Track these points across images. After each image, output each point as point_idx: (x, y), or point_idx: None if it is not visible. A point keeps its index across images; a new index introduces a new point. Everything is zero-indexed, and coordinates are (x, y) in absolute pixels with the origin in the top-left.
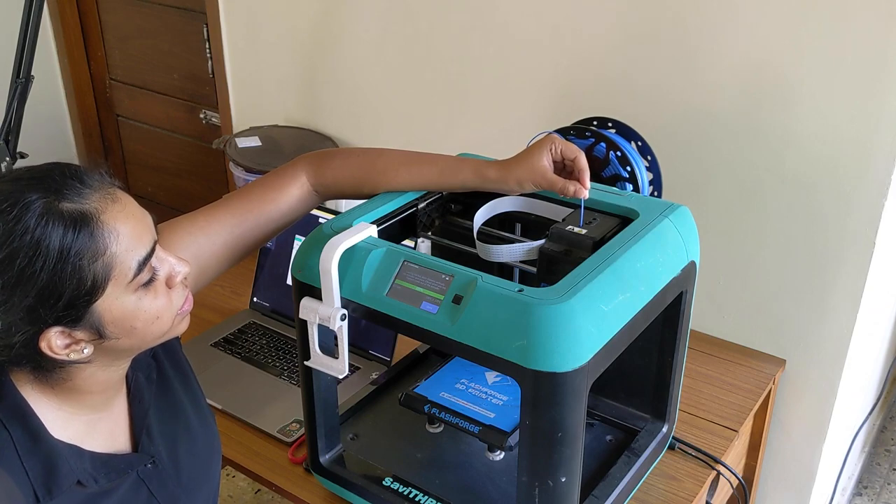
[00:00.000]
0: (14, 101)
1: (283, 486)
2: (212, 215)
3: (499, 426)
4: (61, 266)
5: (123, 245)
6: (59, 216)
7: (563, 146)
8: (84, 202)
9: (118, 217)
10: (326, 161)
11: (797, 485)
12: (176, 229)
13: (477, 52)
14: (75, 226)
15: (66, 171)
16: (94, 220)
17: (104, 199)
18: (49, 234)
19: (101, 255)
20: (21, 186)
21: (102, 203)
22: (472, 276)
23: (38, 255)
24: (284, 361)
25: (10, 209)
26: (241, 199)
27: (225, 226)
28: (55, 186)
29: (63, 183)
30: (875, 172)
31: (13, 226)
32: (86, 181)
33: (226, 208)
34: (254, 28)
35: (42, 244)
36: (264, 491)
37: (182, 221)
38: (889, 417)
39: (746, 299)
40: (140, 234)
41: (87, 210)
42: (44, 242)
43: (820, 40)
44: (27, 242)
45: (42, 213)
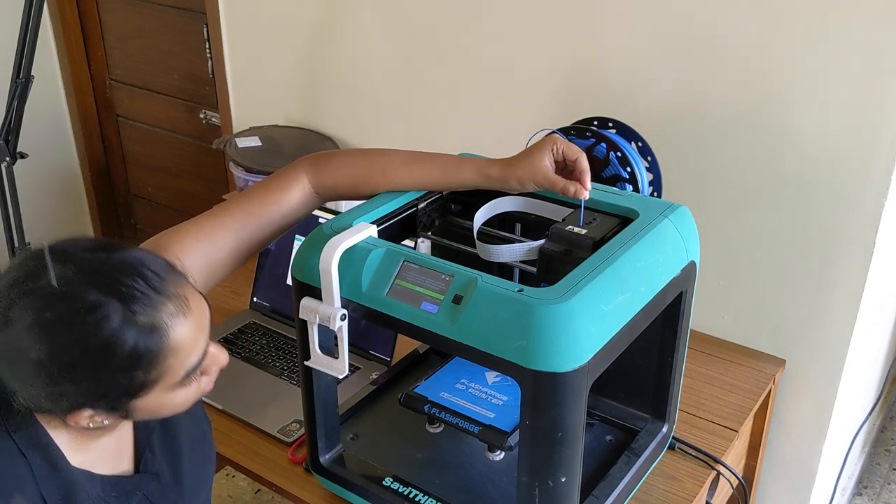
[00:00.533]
0: (14, 101)
1: (283, 486)
2: (217, 221)
3: (499, 426)
4: (119, 372)
5: (181, 358)
6: (132, 330)
7: (564, 147)
8: (157, 313)
9: (184, 332)
10: (327, 163)
11: (797, 485)
12: (183, 238)
13: (477, 52)
14: (145, 342)
15: (145, 274)
16: (162, 339)
17: (176, 311)
18: (119, 346)
19: (158, 367)
20: (100, 284)
21: (173, 317)
22: (472, 276)
23: (103, 362)
24: (284, 361)
25: (88, 314)
26: (244, 204)
27: (230, 231)
28: (133, 294)
29: (142, 293)
30: (875, 172)
31: (87, 331)
32: (163, 288)
33: (230, 213)
34: (254, 28)
35: (110, 353)
36: (264, 491)
37: (189, 229)
38: (889, 417)
39: (746, 299)
40: (197, 342)
41: (159, 325)
42: (112, 351)
43: (820, 40)
44: (97, 348)
45: (118, 327)
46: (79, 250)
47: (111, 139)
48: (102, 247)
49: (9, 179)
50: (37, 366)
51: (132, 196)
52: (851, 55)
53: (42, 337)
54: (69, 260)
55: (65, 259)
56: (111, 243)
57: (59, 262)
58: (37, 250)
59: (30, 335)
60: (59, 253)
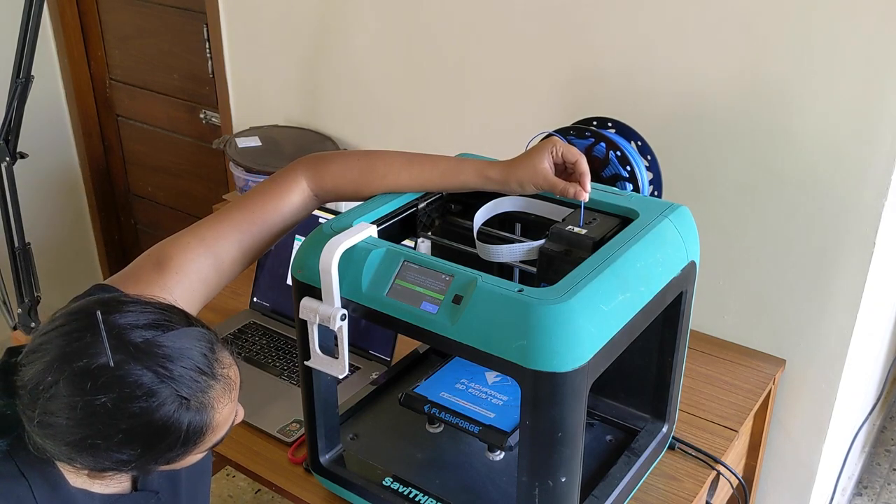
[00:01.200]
0: (14, 101)
1: (283, 486)
2: (218, 230)
3: (499, 426)
4: (163, 451)
5: (219, 433)
6: (185, 415)
7: (564, 149)
8: (207, 396)
9: (226, 411)
10: (325, 165)
11: (797, 485)
12: (185, 249)
13: (477, 53)
14: (195, 425)
15: (197, 358)
16: (209, 419)
17: (222, 392)
18: (171, 430)
19: (200, 443)
20: (155, 369)
21: (220, 398)
22: (472, 276)
23: (151, 444)
24: (284, 361)
25: (143, 399)
26: (244, 211)
27: (231, 241)
28: (186, 381)
29: (194, 380)
30: (875, 172)
31: (142, 417)
32: (212, 370)
33: (230, 221)
34: (254, 28)
35: (161, 436)
36: (264, 491)
37: (190, 240)
38: (889, 417)
39: (746, 299)
40: (233, 414)
41: (207, 407)
42: (163, 435)
43: (820, 40)
44: (148, 432)
45: (171, 414)
46: (132, 327)
47: (111, 139)
48: (155, 324)
49: (9, 179)
50: (81, 440)
51: (132, 196)
52: (852, 55)
53: (91, 419)
54: (123, 339)
55: (119, 337)
56: (165, 318)
57: (112, 337)
58: (86, 314)
59: (78, 414)
60: (113, 329)
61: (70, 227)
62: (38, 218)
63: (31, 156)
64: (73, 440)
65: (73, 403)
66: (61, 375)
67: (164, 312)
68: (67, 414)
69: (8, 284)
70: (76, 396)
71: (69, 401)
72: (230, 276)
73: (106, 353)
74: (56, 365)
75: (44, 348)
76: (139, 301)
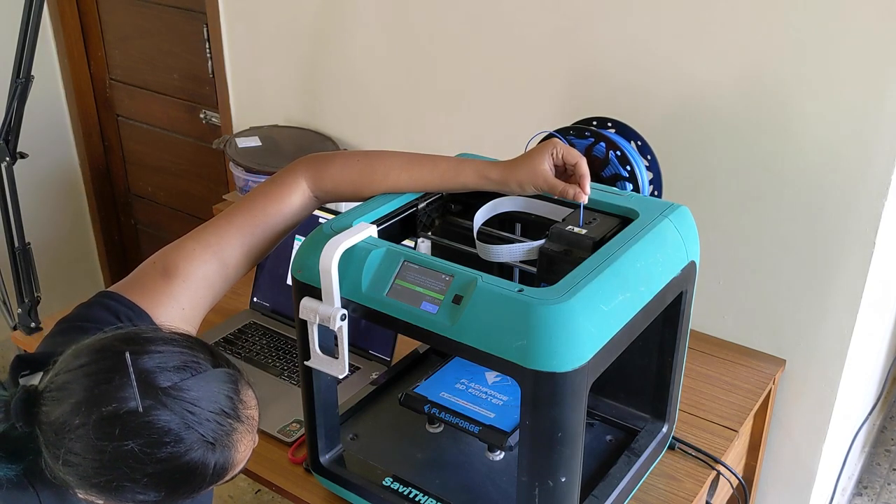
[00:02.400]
0: (14, 101)
1: (283, 486)
2: (221, 237)
3: (499, 426)
4: (186, 491)
5: (237, 470)
6: (211, 458)
7: (564, 151)
8: (231, 439)
9: (248, 449)
10: (325, 166)
11: (797, 485)
12: (190, 258)
13: (477, 52)
14: (219, 466)
15: (224, 403)
16: (232, 459)
17: (245, 432)
18: (196, 474)
19: (220, 480)
20: (183, 415)
21: (243, 438)
22: (472, 276)
23: (175, 486)
24: (284, 361)
25: (171, 445)
26: (246, 214)
27: (234, 245)
28: (213, 427)
29: (220, 425)
30: (875, 172)
31: (169, 462)
32: (237, 413)
33: (233, 226)
34: (254, 28)
35: (185, 479)
36: (264, 491)
37: (195, 248)
38: (889, 417)
39: (746, 299)
40: (248, 455)
41: (232, 448)
42: (187, 478)
43: (820, 40)
44: (174, 476)
45: (198, 459)
46: (160, 370)
47: (111, 139)
48: (183, 366)
49: (9, 179)
50: (107, 482)
51: (132, 196)
52: (852, 55)
53: (118, 463)
54: (151, 384)
55: (146, 381)
56: (192, 359)
57: (140, 381)
58: (113, 354)
59: (105, 457)
60: (141, 373)
61: (70, 227)
62: (38, 218)
63: (31, 156)
64: (98, 482)
65: (100, 447)
66: (89, 419)
67: (191, 352)
68: (94, 456)
69: (8, 284)
70: (104, 441)
71: (96, 444)
72: (235, 279)
73: (135, 398)
74: (84, 408)
75: (69, 388)
76: (165, 339)
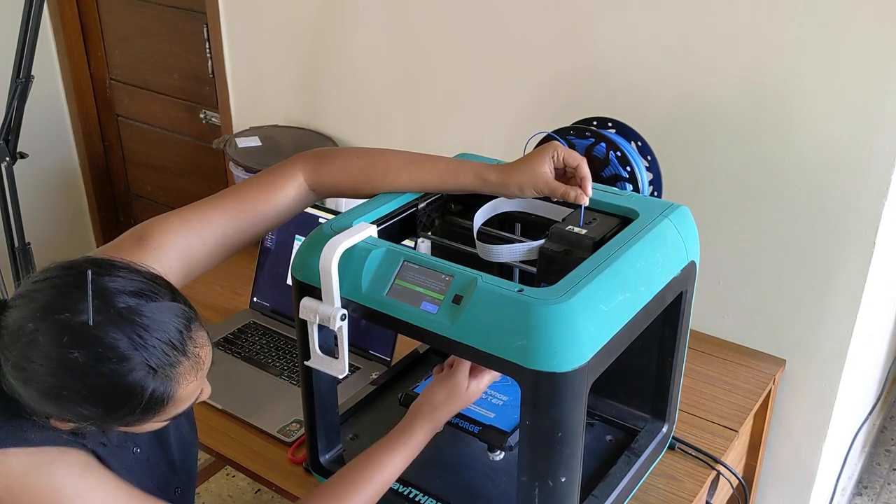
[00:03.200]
0: (14, 101)
1: (283, 486)
2: (206, 214)
3: (499, 426)
4: (123, 414)
5: (181, 406)
6: (150, 384)
7: (565, 154)
8: (175, 371)
9: (191, 387)
10: (325, 162)
11: (797, 485)
12: (167, 230)
13: (477, 52)
14: (158, 395)
15: (172, 334)
16: (173, 392)
17: (190, 369)
18: (134, 396)
19: (161, 413)
20: (131, 336)
21: (187, 374)
22: (472, 276)
23: (114, 405)
24: (284, 361)
25: (114, 362)
26: (237, 199)
27: (218, 226)
28: (158, 353)
29: (166, 353)
30: (875, 172)
31: (109, 378)
32: (184, 348)
33: (221, 207)
34: (254, 28)
35: (124, 400)
36: (264, 491)
37: (174, 221)
38: (889, 417)
39: (746, 299)
40: (197, 391)
41: (173, 380)
42: (126, 399)
43: (820, 40)
44: (112, 394)
45: (138, 381)
46: (118, 292)
47: (111, 139)
48: (140, 293)
49: (9, 179)
50: (49, 388)
51: (132, 196)
52: (852, 55)
53: (62, 370)
54: (107, 301)
55: (104, 299)
56: (151, 288)
57: (97, 298)
58: (78, 272)
59: (51, 363)
60: (100, 290)
61: (70, 227)
62: (38, 218)
63: (31, 156)
64: (42, 388)
65: (48, 353)
66: (42, 324)
67: (152, 283)
68: (41, 362)
69: (8, 284)
70: (53, 346)
71: (45, 350)
72: (214, 261)
73: (88, 311)
74: (39, 314)
75: (32, 295)
76: (130, 268)
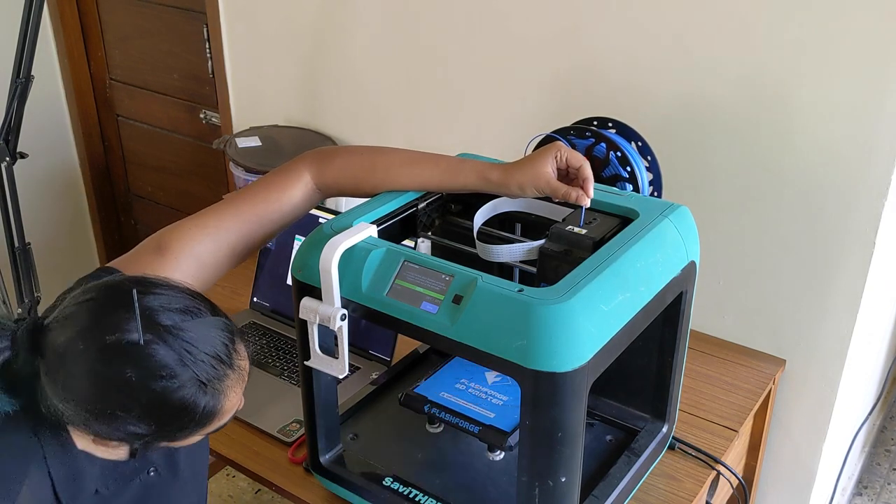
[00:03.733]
0: (14, 101)
1: (283, 486)
2: (221, 221)
3: (499, 426)
4: (174, 430)
5: (222, 421)
6: (202, 399)
7: (568, 154)
8: (223, 384)
9: (236, 399)
10: (329, 160)
11: (797, 485)
12: (185, 238)
13: (478, 52)
14: (209, 409)
15: (220, 349)
16: (221, 406)
17: (236, 382)
18: (187, 411)
19: (209, 426)
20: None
21: (233, 387)
22: (472, 276)
23: (166, 421)
24: (284, 361)
25: (166, 379)
26: (247, 202)
27: (231, 231)
28: (207, 369)
29: (214, 368)
30: (875, 172)
31: (163, 395)
32: (231, 361)
33: (234, 213)
34: (254, 28)
35: (176, 415)
36: (264, 491)
37: (192, 229)
38: (889, 417)
39: (746, 299)
40: (237, 405)
41: (222, 394)
42: (178, 415)
43: (820, 40)
44: (166, 410)
45: (190, 396)
46: (163, 309)
47: (111, 139)
48: (185, 309)
49: (9, 179)
50: (101, 409)
51: (132, 196)
52: (852, 55)
53: (114, 390)
54: (153, 319)
55: (149, 318)
56: (193, 304)
57: (143, 317)
58: (121, 291)
59: (103, 384)
60: (146, 309)
61: (70, 227)
62: (38, 218)
63: (31, 156)
64: (93, 408)
65: (99, 373)
66: (92, 344)
67: (193, 299)
68: (92, 381)
69: (8, 284)
70: (104, 366)
71: (96, 369)
72: (229, 265)
73: (138, 330)
74: (88, 334)
75: (76, 316)
76: (170, 285)
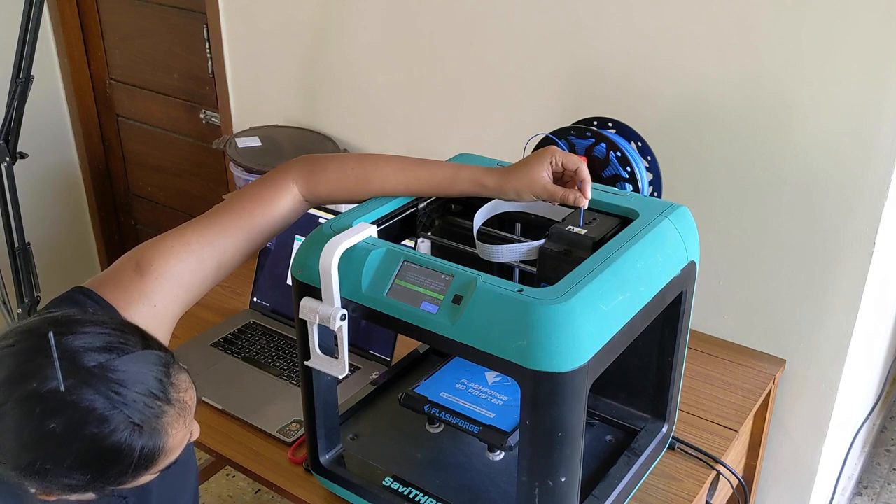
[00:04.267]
0: (14, 101)
1: (283, 486)
2: (203, 236)
3: (499, 426)
4: (113, 476)
5: (173, 456)
6: (138, 441)
7: (564, 158)
8: (161, 422)
9: (180, 434)
10: (320, 171)
11: (797, 485)
12: (167, 256)
13: (478, 53)
14: (148, 450)
15: (151, 384)
16: (163, 444)
17: (177, 416)
18: (123, 456)
19: (153, 467)
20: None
21: (174, 423)
22: (471, 276)
23: (101, 469)
24: (284, 361)
25: (95, 425)
26: (231, 215)
27: (215, 246)
28: (140, 408)
29: (148, 406)
30: (875, 172)
31: (94, 443)
32: (167, 395)
33: (217, 226)
34: (254, 28)
35: (111, 462)
36: (264, 491)
37: (174, 245)
38: (889, 417)
39: (746, 299)
40: (185, 440)
41: (161, 432)
42: (113, 461)
43: (820, 40)
44: (100, 458)
45: (124, 440)
46: (85, 350)
47: (111, 139)
48: (110, 347)
49: (9, 179)
50: (30, 464)
51: (132, 196)
52: (852, 55)
53: (39, 443)
54: (75, 362)
55: (71, 360)
56: (120, 340)
57: (64, 360)
58: (38, 335)
59: (26, 438)
60: (66, 351)
61: (70, 227)
62: (38, 218)
63: (31, 156)
64: (20, 464)
65: (21, 427)
66: (10, 397)
67: (120, 334)
68: (15, 437)
69: (8, 284)
70: (25, 420)
71: (18, 424)
72: (215, 279)
73: (57, 377)
74: (6, 386)
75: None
76: (94, 321)
